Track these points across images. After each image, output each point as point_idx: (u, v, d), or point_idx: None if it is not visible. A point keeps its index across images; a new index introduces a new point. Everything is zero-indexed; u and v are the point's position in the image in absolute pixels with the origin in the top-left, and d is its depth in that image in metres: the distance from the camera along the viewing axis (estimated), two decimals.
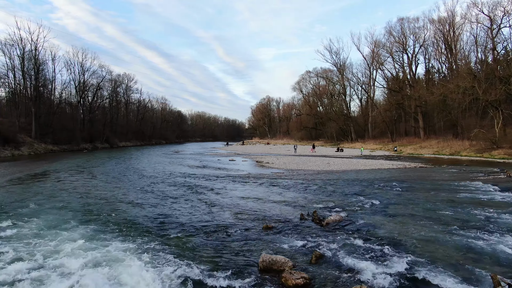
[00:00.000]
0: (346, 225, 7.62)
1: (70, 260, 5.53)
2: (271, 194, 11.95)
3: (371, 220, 8.07)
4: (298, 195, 11.70)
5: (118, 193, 12.33)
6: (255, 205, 10.04)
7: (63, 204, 10.18)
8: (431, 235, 6.77)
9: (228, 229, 7.45)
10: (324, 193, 12.15)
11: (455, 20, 43.80)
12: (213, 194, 11.99)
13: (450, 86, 35.94)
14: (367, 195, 11.57)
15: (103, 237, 6.85)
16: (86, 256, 5.71)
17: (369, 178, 16.21)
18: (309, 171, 20.51)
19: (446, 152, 35.06)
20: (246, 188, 13.37)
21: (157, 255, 5.83)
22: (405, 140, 49.23)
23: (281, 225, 7.79)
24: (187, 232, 7.25)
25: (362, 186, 13.70)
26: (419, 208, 9.40)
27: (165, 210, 9.49)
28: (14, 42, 42.79)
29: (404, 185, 13.91)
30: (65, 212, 9.14)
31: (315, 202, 10.48)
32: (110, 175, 18.11)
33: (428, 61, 51.37)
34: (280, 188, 13.38)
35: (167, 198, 11.24)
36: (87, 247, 6.18)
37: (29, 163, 26.79)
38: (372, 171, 19.73)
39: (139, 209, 9.53)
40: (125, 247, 6.18)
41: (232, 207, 9.75)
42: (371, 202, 10.31)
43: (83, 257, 5.66)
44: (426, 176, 17.06)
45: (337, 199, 10.88)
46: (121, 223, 7.97)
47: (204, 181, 15.65)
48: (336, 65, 67.67)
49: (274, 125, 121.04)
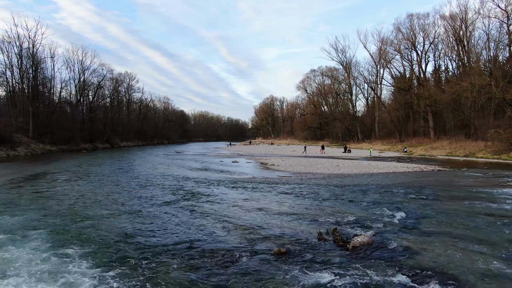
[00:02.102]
0: (378, 250, 6.12)
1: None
2: (279, 204, 10.47)
3: (407, 242, 6.56)
4: (311, 205, 10.21)
5: (102, 200, 10.89)
6: (262, 219, 8.56)
7: (31, 212, 8.75)
8: (491, 267, 5.26)
9: (230, 254, 5.98)
10: (340, 202, 10.65)
11: (467, 15, 42.00)
12: (214, 204, 10.53)
13: (464, 84, 34.20)
14: (390, 205, 10.06)
15: (58, 254, 5.40)
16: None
17: (387, 184, 14.67)
18: (318, 174, 18.99)
19: (459, 153, 33.33)
20: (251, 196, 11.89)
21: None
22: (414, 141, 47.46)
23: (296, 248, 6.31)
24: (176, 258, 5.79)
25: (381, 193, 12.18)
26: (457, 225, 7.87)
27: (154, 224, 8.03)
28: (11, 39, 41.67)
29: (427, 192, 12.37)
30: (28, 221, 7.71)
31: (331, 214, 8.98)
32: (101, 179, 16.71)
33: (438, 58, 49.62)
34: (289, 195, 11.89)
35: (159, 209, 9.79)
36: (32, 268, 4.75)
37: (22, 164, 25.53)
38: (387, 175, 18.17)
39: (121, 223, 8.08)
40: (82, 271, 4.76)
41: (235, 222, 8.27)
42: (398, 215, 8.80)
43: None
44: (448, 182, 15.49)
45: (356, 211, 9.38)
46: (92, 239, 6.52)
47: (205, 187, 14.20)
48: (342, 64, 66.01)
49: (277, 125, 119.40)
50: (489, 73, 32.96)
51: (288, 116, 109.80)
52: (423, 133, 50.35)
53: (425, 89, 44.93)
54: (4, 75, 44.08)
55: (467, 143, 36.41)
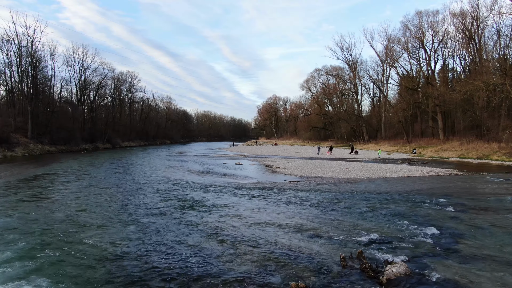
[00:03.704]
0: (420, 286, 4.93)
1: None
2: (290, 216, 9.30)
3: (451, 272, 5.37)
4: (326, 218, 9.04)
5: (87, 210, 9.78)
6: (272, 237, 7.40)
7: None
8: None
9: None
10: (358, 214, 9.46)
11: (479, 12, 40.54)
12: (215, 217, 9.38)
13: (477, 83, 32.81)
14: (415, 218, 8.87)
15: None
16: None
17: (405, 191, 13.45)
18: (327, 179, 17.79)
19: (472, 155, 31.95)
20: (257, 206, 10.74)
21: None
22: (423, 142, 46.09)
23: (317, 281, 5.14)
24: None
25: (402, 203, 10.98)
26: (500, 246, 6.67)
27: (143, 243, 6.88)
28: (10, 37, 40.78)
29: (453, 201, 11.16)
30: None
31: (351, 231, 7.80)
32: (92, 184, 15.63)
33: (448, 56, 48.18)
34: (300, 205, 10.72)
35: (151, 222, 8.64)
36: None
37: (14, 167, 24.54)
38: (402, 180, 16.94)
39: (104, 240, 6.94)
40: None
41: (240, 241, 7.11)
42: (428, 232, 7.61)
43: None
44: (471, 189, 14.25)
45: (379, 226, 8.20)
46: (67, 262, 5.39)
47: (206, 194, 13.07)
48: (347, 63, 64.66)
49: (281, 125, 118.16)
50: (503, 72, 31.55)
51: (292, 116, 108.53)
52: (432, 133, 48.94)
53: (434, 88, 43.53)
54: (3, 74, 43.27)
55: (479, 144, 34.98)
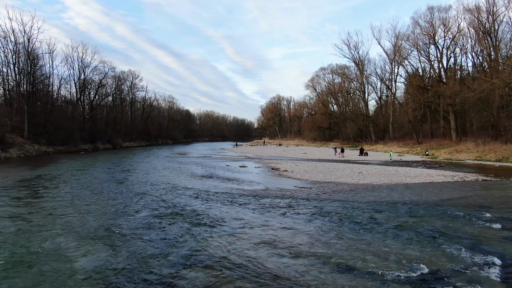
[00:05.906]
0: None
1: None
2: (307, 237, 7.65)
3: None
4: (352, 240, 7.37)
5: (71, 223, 8.19)
6: (287, 269, 5.75)
7: None
8: None
9: None
10: (390, 234, 7.78)
11: (496, 7, 38.55)
12: (217, 236, 7.75)
13: (495, 81, 30.93)
14: (463, 240, 7.21)
15: None
16: None
17: (433, 201, 11.75)
18: (341, 185, 16.11)
19: (491, 157, 30.04)
20: (266, 222, 9.09)
21: None
22: (434, 143, 44.14)
23: None
24: None
25: (437, 218, 9.28)
26: None
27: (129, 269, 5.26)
28: (6, 34, 39.46)
29: (496, 215, 9.47)
30: None
31: (387, 258, 6.13)
32: (82, 190, 14.07)
33: (460, 53, 46.19)
34: (317, 221, 9.06)
35: (141, 241, 7.03)
36: None
37: (5, 168, 23.08)
38: (425, 187, 15.20)
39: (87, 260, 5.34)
40: None
41: (247, 275, 5.47)
42: (488, 260, 5.98)
43: None
44: (509, 197, 12.51)
45: (423, 253, 6.52)
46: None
47: (207, 205, 11.46)
48: (354, 61, 62.68)
49: (284, 125, 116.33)
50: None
51: (296, 116, 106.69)
52: (443, 134, 46.99)
53: (447, 87, 41.61)
54: (0, 72, 41.97)
55: (496, 145, 33.06)
